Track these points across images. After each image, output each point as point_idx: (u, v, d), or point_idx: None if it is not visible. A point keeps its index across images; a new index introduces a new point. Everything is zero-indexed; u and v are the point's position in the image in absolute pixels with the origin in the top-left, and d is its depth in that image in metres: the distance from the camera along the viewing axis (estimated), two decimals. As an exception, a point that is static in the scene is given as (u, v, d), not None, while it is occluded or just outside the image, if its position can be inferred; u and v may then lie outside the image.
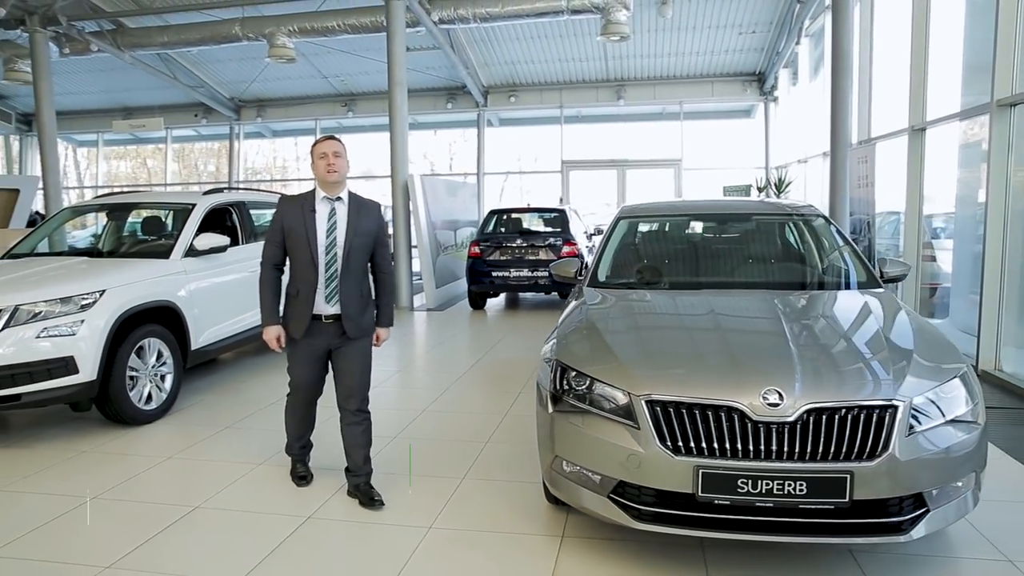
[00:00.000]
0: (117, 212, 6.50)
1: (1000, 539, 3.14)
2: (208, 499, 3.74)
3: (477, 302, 10.84)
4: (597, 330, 3.29)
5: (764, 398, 2.62)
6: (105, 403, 4.79)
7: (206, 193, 6.23)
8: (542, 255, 10.17)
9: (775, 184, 12.92)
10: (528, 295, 11.78)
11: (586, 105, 16.58)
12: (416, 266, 11.44)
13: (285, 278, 3.66)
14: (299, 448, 3.90)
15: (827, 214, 9.49)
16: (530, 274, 10.08)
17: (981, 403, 2.90)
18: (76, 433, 4.86)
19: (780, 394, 2.62)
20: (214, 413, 5.31)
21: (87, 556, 3.11)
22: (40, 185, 13.06)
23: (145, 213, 6.37)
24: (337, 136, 3.60)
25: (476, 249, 10.42)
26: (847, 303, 3.62)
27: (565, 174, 16.54)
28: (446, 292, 11.61)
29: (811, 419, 2.58)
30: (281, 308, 3.65)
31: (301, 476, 3.86)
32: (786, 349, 2.91)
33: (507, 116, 17.78)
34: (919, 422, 2.68)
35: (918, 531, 2.63)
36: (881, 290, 3.75)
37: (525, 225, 11.32)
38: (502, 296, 11.82)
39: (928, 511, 2.66)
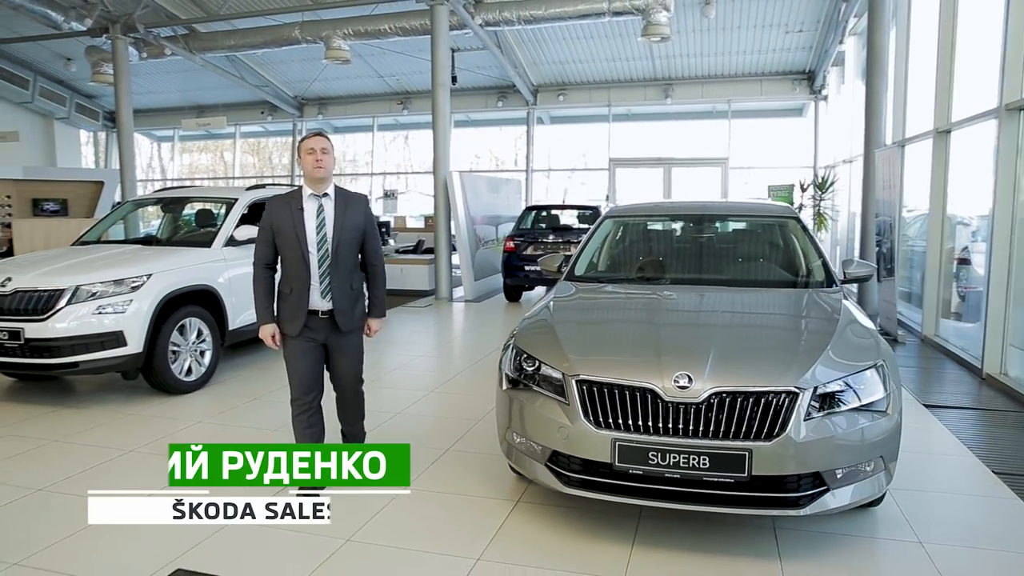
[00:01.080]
0: (171, 205, 7.23)
1: (922, 525, 3.36)
2: (224, 457, 4.31)
3: (512, 295, 11.26)
4: (552, 320, 3.68)
5: (676, 381, 2.95)
6: (150, 373, 5.46)
7: (248, 189, 6.86)
8: (574, 251, 10.48)
9: (818, 184, 12.82)
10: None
11: (634, 104, 16.76)
12: (456, 259, 11.96)
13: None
14: None
15: (861, 214, 9.55)
16: (563, 269, 10.42)
17: (895, 397, 3.14)
18: (125, 399, 5.56)
19: (690, 378, 2.95)
20: (246, 386, 5.93)
21: (117, 495, 3.70)
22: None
23: (193, 206, 7.06)
24: (324, 132, 3.64)
25: (511, 244, 10.84)
26: (788, 300, 3.89)
27: (612, 171, 16.75)
28: (485, 284, 12.06)
29: (716, 401, 2.90)
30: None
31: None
32: (707, 339, 3.23)
33: (558, 114, 18.13)
34: (825, 408, 2.96)
35: (815, 507, 2.92)
36: (832, 289, 3.98)
37: (560, 221, 11.66)
38: (540, 289, 12.19)
39: (828, 490, 2.94)
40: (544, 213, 11.77)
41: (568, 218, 11.98)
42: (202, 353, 5.87)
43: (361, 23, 12.99)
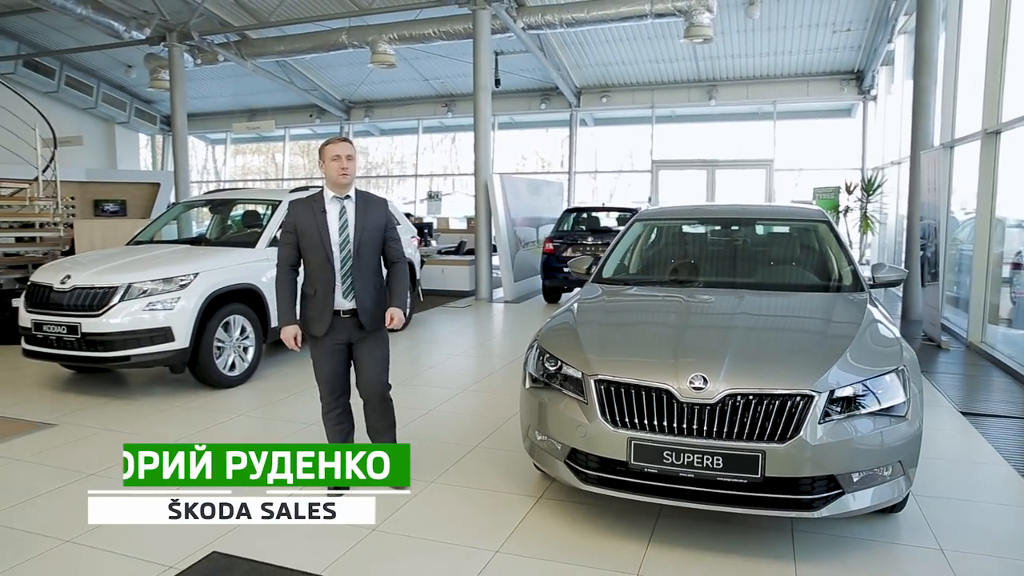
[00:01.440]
0: (219, 206, 7.54)
1: (945, 532, 3.33)
2: (263, 448, 4.50)
3: (551, 296, 11.33)
4: (575, 321, 3.76)
5: (691, 383, 3.00)
6: (196, 367, 5.72)
7: (292, 191, 7.10)
8: (612, 253, 10.49)
9: (864, 186, 12.54)
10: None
11: (678, 105, 16.66)
12: (496, 260, 12.08)
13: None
14: None
15: (907, 217, 9.33)
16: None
17: (916, 402, 3.12)
18: (175, 392, 5.84)
19: (705, 379, 2.99)
20: (286, 382, 6.15)
21: (160, 482, 3.92)
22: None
23: (240, 208, 7.35)
24: (348, 138, 3.82)
25: (550, 245, 10.92)
26: (811, 304, 3.88)
27: (655, 173, 16.68)
28: (525, 286, 12.16)
29: (730, 403, 2.94)
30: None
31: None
32: (725, 342, 3.26)
33: (601, 116, 18.13)
34: (841, 412, 2.97)
35: (830, 510, 2.93)
36: (859, 294, 3.96)
37: (600, 224, 11.68)
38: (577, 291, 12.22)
39: (842, 493, 2.95)
40: (584, 215, 11.81)
41: (608, 220, 11.99)
42: (245, 349, 6.11)
43: (406, 28, 13.23)
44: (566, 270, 10.74)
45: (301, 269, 3.72)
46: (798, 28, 13.26)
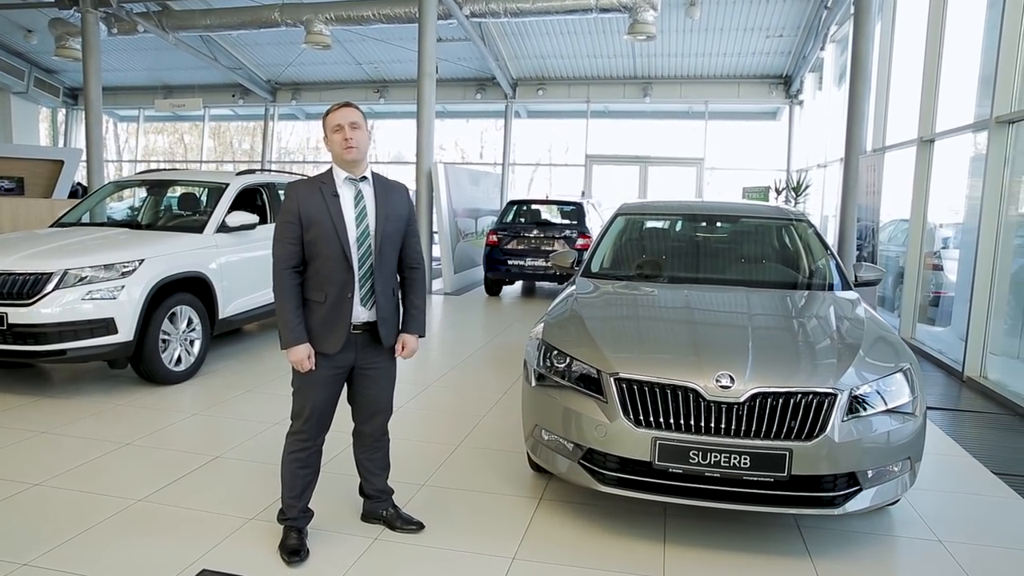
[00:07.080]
0: (156, 188, 6.97)
1: (937, 523, 3.45)
2: (227, 451, 4.17)
3: (493, 289, 11.21)
4: (581, 316, 3.65)
5: (717, 381, 2.95)
6: (139, 362, 5.26)
7: (239, 174, 6.66)
8: (557, 246, 10.47)
9: (793, 187, 13.07)
10: (545, 284, 12.08)
11: (613, 101, 16.84)
12: (436, 251, 11.84)
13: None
14: (299, 512, 3.01)
15: (839, 218, 9.76)
16: (545, 264, 10.36)
17: (921, 399, 3.20)
18: (113, 388, 5.35)
19: (732, 378, 2.95)
20: (237, 378, 5.76)
21: (122, 490, 3.56)
22: (83, 158, 13.67)
23: (182, 190, 6.83)
24: (354, 103, 2.95)
25: (494, 238, 10.78)
26: (812, 302, 3.94)
27: (588, 168, 16.80)
28: (464, 278, 11.98)
29: (757, 402, 2.91)
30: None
31: (294, 551, 2.93)
32: (744, 340, 3.24)
33: (535, 108, 18.11)
34: (859, 410, 3.00)
35: (850, 506, 2.96)
36: (850, 292, 4.05)
37: (543, 216, 11.63)
38: (518, 284, 12.16)
39: (861, 489, 2.98)
40: (527, 208, 11.71)
41: (551, 213, 11.96)
42: (191, 342, 5.68)
43: (344, 8, 12.73)
44: (510, 263, 10.68)
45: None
46: (734, 31, 13.63)
